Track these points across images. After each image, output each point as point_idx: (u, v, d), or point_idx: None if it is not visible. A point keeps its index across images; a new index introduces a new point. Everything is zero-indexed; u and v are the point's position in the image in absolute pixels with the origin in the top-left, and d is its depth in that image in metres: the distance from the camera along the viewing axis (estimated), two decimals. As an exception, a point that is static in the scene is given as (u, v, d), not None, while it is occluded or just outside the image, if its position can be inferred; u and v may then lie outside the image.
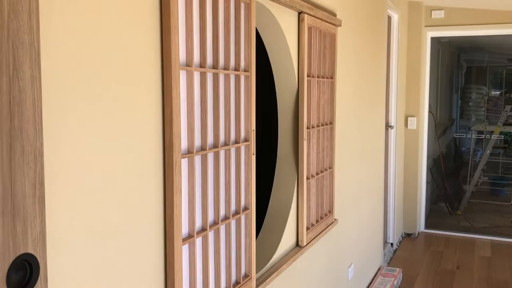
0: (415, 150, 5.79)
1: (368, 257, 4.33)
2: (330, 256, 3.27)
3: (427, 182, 6.12)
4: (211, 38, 1.74)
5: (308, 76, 2.66)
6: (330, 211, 3.13)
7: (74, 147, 1.22)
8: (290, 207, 2.60)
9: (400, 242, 5.74)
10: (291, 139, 2.65)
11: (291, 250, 2.63)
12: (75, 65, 1.21)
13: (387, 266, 5.04)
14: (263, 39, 2.49)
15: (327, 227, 3.04)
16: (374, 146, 4.31)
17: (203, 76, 1.68)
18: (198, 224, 1.72)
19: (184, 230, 1.64)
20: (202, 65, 1.68)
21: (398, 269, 4.67)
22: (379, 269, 4.73)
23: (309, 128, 2.71)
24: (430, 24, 5.66)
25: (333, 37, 2.98)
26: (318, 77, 2.81)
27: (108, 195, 1.33)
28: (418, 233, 6.00)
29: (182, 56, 1.58)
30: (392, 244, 5.49)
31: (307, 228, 2.76)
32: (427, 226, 6.14)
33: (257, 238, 2.55)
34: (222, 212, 1.87)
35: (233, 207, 1.95)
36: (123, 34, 1.36)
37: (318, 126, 2.84)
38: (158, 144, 1.50)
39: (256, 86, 3.45)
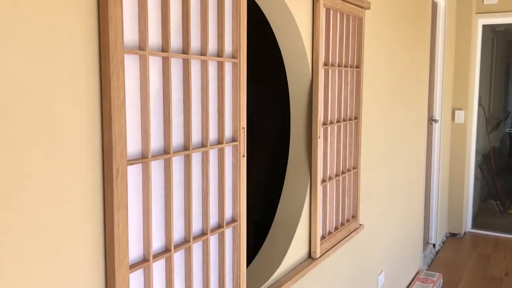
0: (463, 145, 5.31)
1: (404, 261, 3.93)
2: (354, 265, 2.90)
3: (476, 179, 5.62)
4: (179, 14, 1.40)
5: (325, 65, 2.29)
6: (354, 216, 2.76)
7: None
8: (301, 214, 2.25)
9: (443, 243, 5.29)
10: (305, 136, 2.29)
11: (301, 263, 2.28)
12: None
13: (427, 269, 4.62)
14: (269, 21, 2.13)
15: (349, 234, 2.68)
16: (413, 140, 3.89)
17: (165, 63, 1.35)
18: (159, 244, 1.40)
19: (136, 253, 1.33)
20: (164, 48, 1.35)
21: (438, 274, 4.25)
22: (417, 273, 4.32)
23: (326, 124, 2.34)
24: (482, 10, 5.13)
25: (359, 21, 2.58)
26: (339, 66, 2.42)
27: (18, 215, 1.03)
28: (464, 233, 5.53)
29: (131, 36, 1.25)
30: (434, 245, 5.05)
31: (322, 237, 2.41)
32: (475, 225, 5.65)
33: (260, 251, 2.22)
34: (196, 227, 1.54)
35: (213, 220, 1.62)
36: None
37: (338, 121, 2.47)
38: (96, 148, 1.18)
39: (267, 76, 3.09)
